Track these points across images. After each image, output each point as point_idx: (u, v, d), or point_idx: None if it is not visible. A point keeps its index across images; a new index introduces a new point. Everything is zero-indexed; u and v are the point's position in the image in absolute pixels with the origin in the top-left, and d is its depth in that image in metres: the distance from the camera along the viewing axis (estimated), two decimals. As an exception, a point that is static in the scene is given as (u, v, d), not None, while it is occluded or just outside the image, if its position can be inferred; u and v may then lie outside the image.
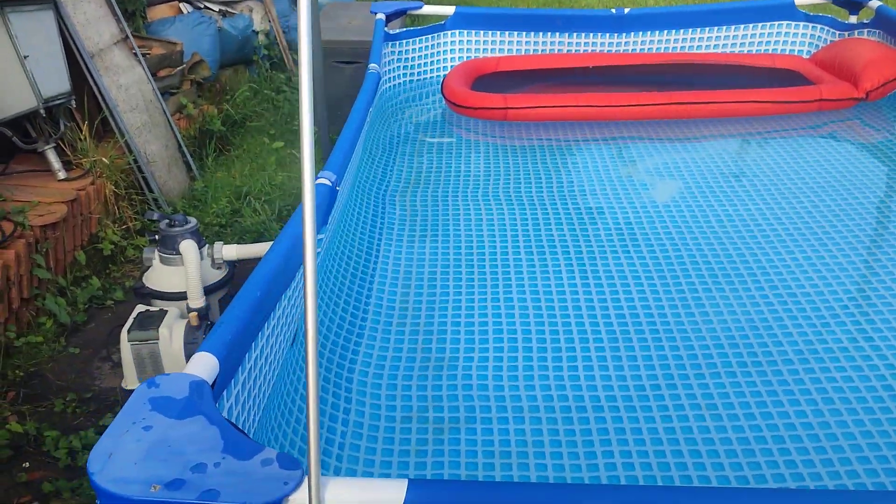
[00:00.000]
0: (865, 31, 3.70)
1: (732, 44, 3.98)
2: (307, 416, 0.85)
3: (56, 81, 3.35)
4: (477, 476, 1.55)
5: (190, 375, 1.08)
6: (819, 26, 3.90)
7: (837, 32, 3.81)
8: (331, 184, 1.96)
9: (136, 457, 0.91)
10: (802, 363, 1.88)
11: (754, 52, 3.97)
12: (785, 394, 1.79)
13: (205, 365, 1.12)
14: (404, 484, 0.88)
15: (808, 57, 3.88)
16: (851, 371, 1.85)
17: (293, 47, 5.86)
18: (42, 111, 3.29)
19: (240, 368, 1.30)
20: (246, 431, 1.02)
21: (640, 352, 1.95)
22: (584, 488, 0.89)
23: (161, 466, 0.90)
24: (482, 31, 3.92)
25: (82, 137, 3.56)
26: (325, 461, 1.60)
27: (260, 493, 0.87)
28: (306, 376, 0.84)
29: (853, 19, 3.83)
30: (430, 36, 3.87)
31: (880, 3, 3.68)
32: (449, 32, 3.91)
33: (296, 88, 5.52)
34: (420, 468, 1.59)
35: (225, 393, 1.24)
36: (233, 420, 1.17)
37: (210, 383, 1.09)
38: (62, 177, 3.43)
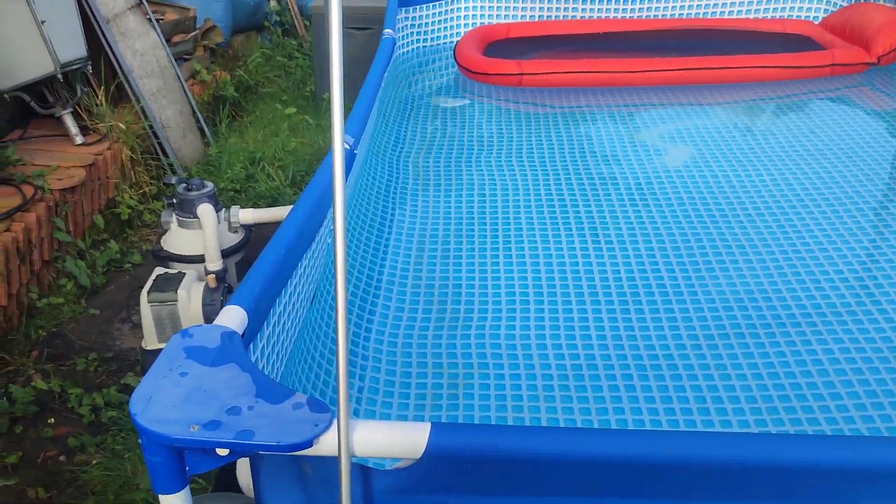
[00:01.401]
0: (880, -5, 3.68)
1: (745, 9, 3.96)
2: (337, 360, 0.89)
3: (72, 46, 3.38)
4: (491, 428, 1.61)
5: (221, 326, 1.13)
6: (833, -9, 3.88)
7: (850, -2, 3.80)
8: (349, 147, 2.00)
9: (174, 400, 0.97)
10: (810, 325, 1.92)
11: (766, 17, 3.95)
12: (792, 354, 1.83)
13: (235, 317, 1.17)
14: (428, 427, 0.94)
15: (818, 22, 3.86)
16: (858, 333, 1.89)
17: (304, 13, 5.85)
18: (59, 76, 3.32)
19: (265, 323, 1.35)
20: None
21: (650, 312, 2.00)
22: (604, 433, 0.94)
23: (198, 409, 0.95)
24: (495, -3, 3.93)
25: (98, 103, 3.60)
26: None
27: (292, 434, 0.92)
28: (335, 322, 0.88)
29: (868, -16, 3.81)
30: (443, 1, 3.87)
31: (895, -32, 3.66)
32: (462, -2, 3.91)
33: (307, 55, 5.53)
34: (436, 420, 1.65)
35: (251, 346, 1.29)
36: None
37: (240, 334, 1.14)
38: (79, 141, 3.47)
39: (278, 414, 0.95)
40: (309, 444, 0.91)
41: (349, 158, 2.02)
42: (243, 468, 1.71)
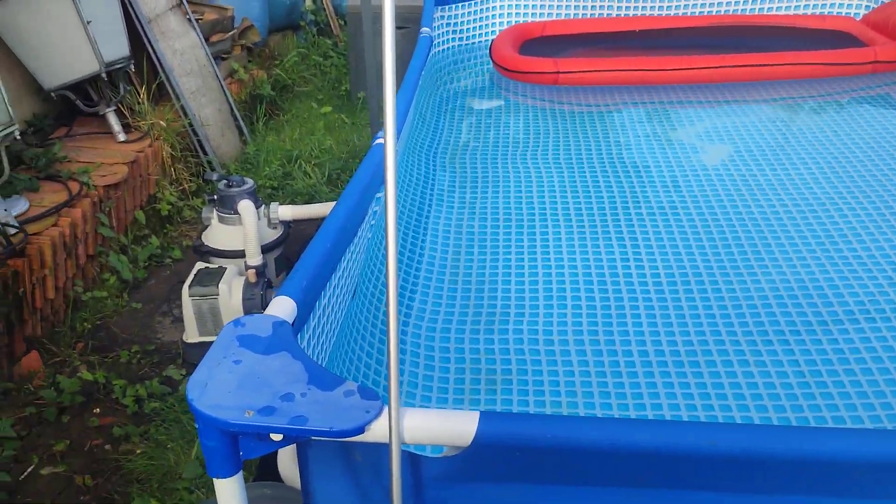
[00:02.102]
0: (924, -8, 3.62)
1: (784, 5, 3.92)
2: (388, 349, 0.91)
3: (116, 46, 3.46)
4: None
5: (272, 316, 1.16)
6: (875, -13, 3.83)
7: (894, -7, 3.74)
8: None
9: (229, 386, 1.00)
10: (853, 324, 1.90)
11: (805, 13, 3.90)
12: (835, 352, 1.81)
13: (285, 307, 1.19)
14: (476, 415, 0.95)
15: (859, 18, 3.80)
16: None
17: (339, 13, 5.90)
18: (104, 75, 3.40)
19: (311, 314, 1.38)
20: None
21: (689, 311, 1.99)
22: (654, 423, 0.95)
23: (252, 395, 0.98)
24: (531, -5, 3.93)
25: (140, 101, 3.67)
26: (386, 406, 1.68)
27: (344, 420, 0.94)
28: (387, 314, 0.91)
29: (911, -20, 3.75)
30: (479, 0, 3.88)
31: (940, -37, 3.59)
32: (498, -4, 3.92)
33: (342, 54, 5.58)
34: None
35: (298, 336, 1.32)
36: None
37: (290, 323, 1.17)
38: (122, 139, 3.55)
39: (330, 401, 0.97)
40: (360, 430, 0.94)
41: (389, 155, 2.04)
42: (284, 458, 1.74)
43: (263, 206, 2.92)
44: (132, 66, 3.63)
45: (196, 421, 0.96)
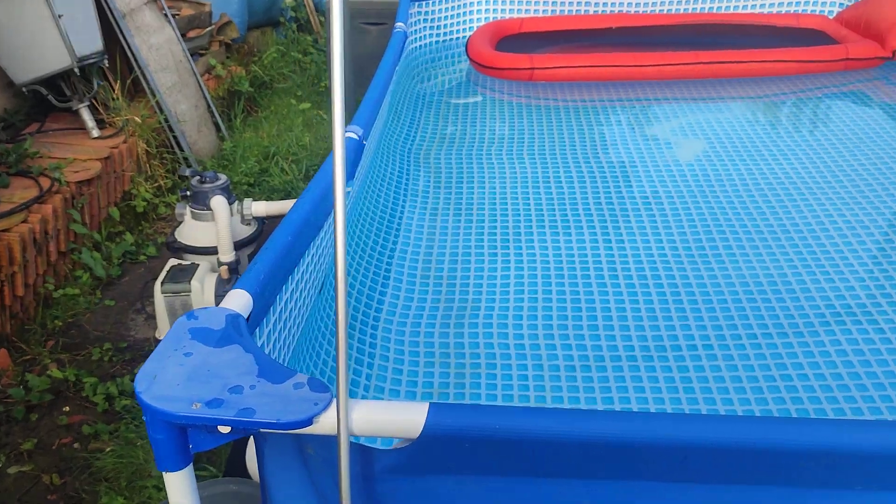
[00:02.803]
0: (897, -9, 3.65)
1: (759, 3, 3.94)
2: (336, 339, 0.91)
3: (89, 41, 3.42)
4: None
5: (226, 309, 1.14)
6: (849, -14, 3.86)
7: (868, -8, 3.77)
8: (358, 137, 2.01)
9: (178, 379, 0.98)
10: (828, 333, 1.90)
11: (784, 11, 3.92)
12: (804, 351, 1.82)
13: (239, 300, 1.18)
14: (426, 406, 0.95)
15: (833, 16, 3.83)
16: (873, 333, 1.87)
17: (320, 9, 5.88)
18: (76, 70, 3.36)
19: (272, 309, 1.37)
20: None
21: (660, 307, 2.00)
22: (601, 414, 0.95)
23: (201, 387, 0.97)
24: (508, -8, 3.93)
25: (115, 96, 3.64)
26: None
27: (292, 412, 0.93)
28: (336, 302, 0.90)
29: (884, -21, 3.78)
30: (456, -4, 3.88)
31: (913, -38, 3.62)
32: (475, -7, 3.92)
33: (322, 50, 5.55)
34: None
35: (258, 331, 1.31)
36: (265, 354, 1.24)
37: (245, 317, 1.16)
38: (96, 135, 3.51)
39: (279, 393, 0.96)
40: (308, 422, 0.93)
41: (359, 150, 2.03)
42: (252, 453, 1.73)
43: (237, 201, 2.90)
44: (106, 62, 3.59)
45: (143, 413, 0.95)
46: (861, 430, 0.92)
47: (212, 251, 2.82)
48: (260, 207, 2.91)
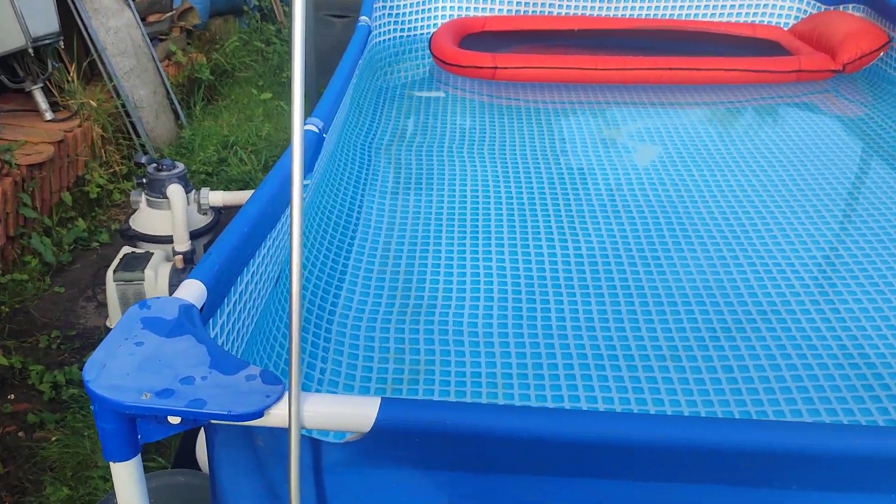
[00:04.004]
0: (850, 5, 3.75)
1: (721, 13, 4.02)
2: (290, 332, 0.91)
3: (44, 21, 3.34)
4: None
5: (179, 299, 1.14)
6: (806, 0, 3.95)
7: (823, 7, 3.87)
8: (318, 130, 2.01)
9: (128, 368, 0.98)
10: (769, 330, 1.95)
11: (741, 21, 4.01)
12: (750, 353, 1.87)
13: (193, 290, 1.18)
14: (378, 401, 0.96)
15: (788, 28, 3.93)
16: (816, 339, 1.92)
17: (284, -1, 5.83)
18: (30, 50, 3.28)
19: (226, 300, 1.36)
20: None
21: (611, 304, 2.03)
22: (548, 412, 0.97)
23: (152, 377, 0.96)
24: (473, -10, 3.95)
25: (70, 79, 3.57)
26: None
27: (243, 404, 0.93)
28: (290, 293, 0.90)
29: (840, -6, 3.89)
30: (421, -8, 3.88)
31: (866, -21, 3.74)
32: (440, -11, 3.92)
33: (285, 41, 5.51)
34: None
35: (211, 321, 1.30)
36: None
37: (198, 308, 1.15)
38: (49, 117, 3.44)
39: (231, 384, 0.96)
40: (259, 414, 0.93)
41: (318, 143, 2.03)
42: (202, 444, 1.72)
43: (194, 191, 2.87)
44: (62, 43, 3.52)
45: (91, 402, 0.94)
46: (789, 430, 0.96)
47: (167, 240, 2.79)
48: (217, 197, 2.88)
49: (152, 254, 2.67)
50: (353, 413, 0.94)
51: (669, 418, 1.02)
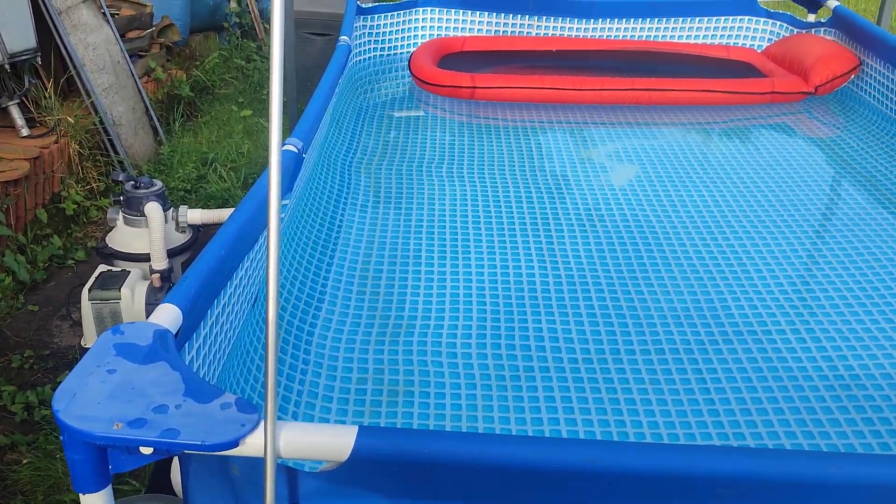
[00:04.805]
0: (822, 29, 3.82)
1: (696, 35, 4.08)
2: (266, 359, 0.90)
3: (22, 37, 3.32)
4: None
5: (154, 324, 1.12)
6: (778, 23, 4.02)
7: (795, 30, 3.93)
8: (297, 150, 2.00)
9: (99, 397, 0.96)
10: (745, 351, 1.96)
11: (716, 43, 4.07)
12: (726, 376, 1.88)
13: (168, 315, 1.16)
14: (355, 430, 0.95)
15: (761, 50, 3.99)
16: (791, 360, 1.93)
17: (265, 16, 5.83)
18: (7, 66, 3.25)
19: (202, 323, 1.35)
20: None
21: (589, 325, 2.04)
22: (526, 440, 0.96)
23: (124, 406, 0.95)
24: (453, 10, 3.97)
25: (47, 95, 3.53)
26: (280, 417, 1.66)
27: (218, 434, 0.92)
28: (266, 320, 0.89)
29: (811, 18, 3.95)
30: (402, 12, 3.89)
31: (837, 3, 3.80)
32: (421, 9, 3.94)
33: (265, 58, 5.50)
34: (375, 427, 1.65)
35: (187, 346, 1.29)
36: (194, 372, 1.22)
37: (173, 333, 1.14)
38: (25, 133, 3.40)
39: (205, 413, 0.95)
40: (234, 444, 0.92)
41: (297, 162, 2.02)
42: (177, 469, 1.69)
43: (172, 208, 2.85)
44: (39, 59, 3.49)
45: (61, 433, 0.93)
46: (765, 458, 0.96)
47: (144, 258, 2.76)
48: (195, 215, 2.87)
49: (129, 272, 2.64)
50: (330, 442, 0.94)
51: (649, 447, 1.02)
